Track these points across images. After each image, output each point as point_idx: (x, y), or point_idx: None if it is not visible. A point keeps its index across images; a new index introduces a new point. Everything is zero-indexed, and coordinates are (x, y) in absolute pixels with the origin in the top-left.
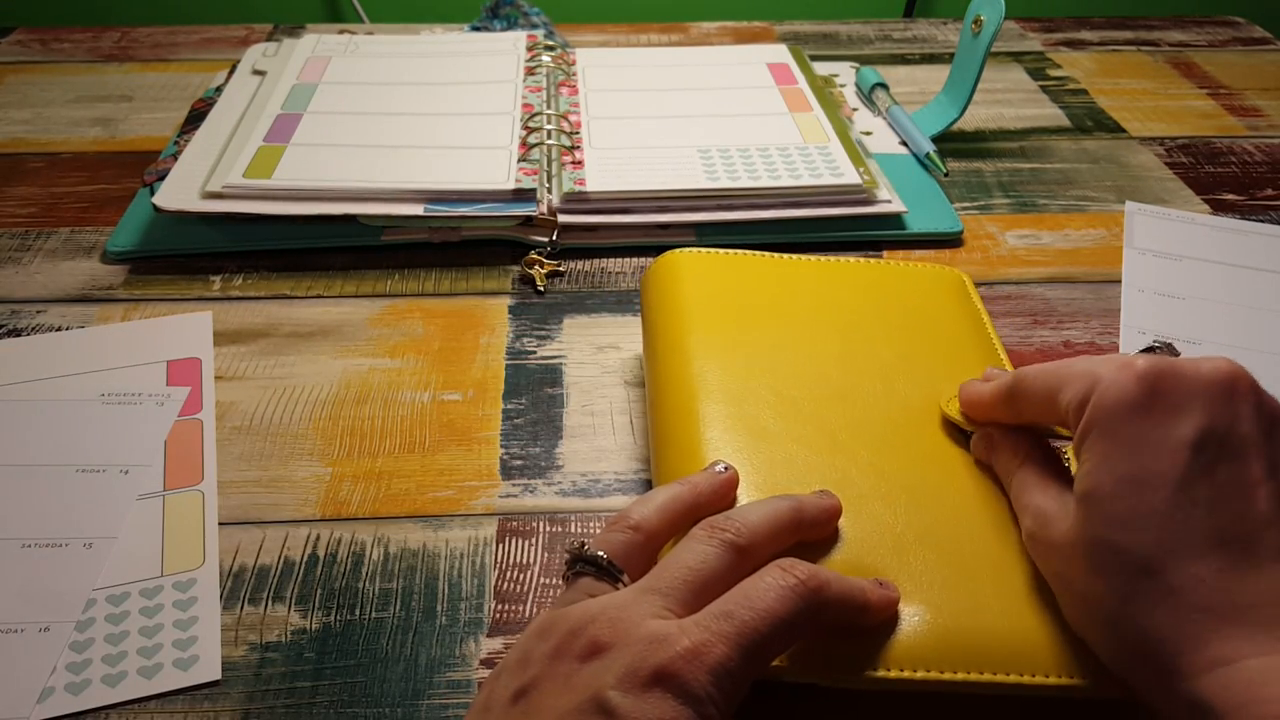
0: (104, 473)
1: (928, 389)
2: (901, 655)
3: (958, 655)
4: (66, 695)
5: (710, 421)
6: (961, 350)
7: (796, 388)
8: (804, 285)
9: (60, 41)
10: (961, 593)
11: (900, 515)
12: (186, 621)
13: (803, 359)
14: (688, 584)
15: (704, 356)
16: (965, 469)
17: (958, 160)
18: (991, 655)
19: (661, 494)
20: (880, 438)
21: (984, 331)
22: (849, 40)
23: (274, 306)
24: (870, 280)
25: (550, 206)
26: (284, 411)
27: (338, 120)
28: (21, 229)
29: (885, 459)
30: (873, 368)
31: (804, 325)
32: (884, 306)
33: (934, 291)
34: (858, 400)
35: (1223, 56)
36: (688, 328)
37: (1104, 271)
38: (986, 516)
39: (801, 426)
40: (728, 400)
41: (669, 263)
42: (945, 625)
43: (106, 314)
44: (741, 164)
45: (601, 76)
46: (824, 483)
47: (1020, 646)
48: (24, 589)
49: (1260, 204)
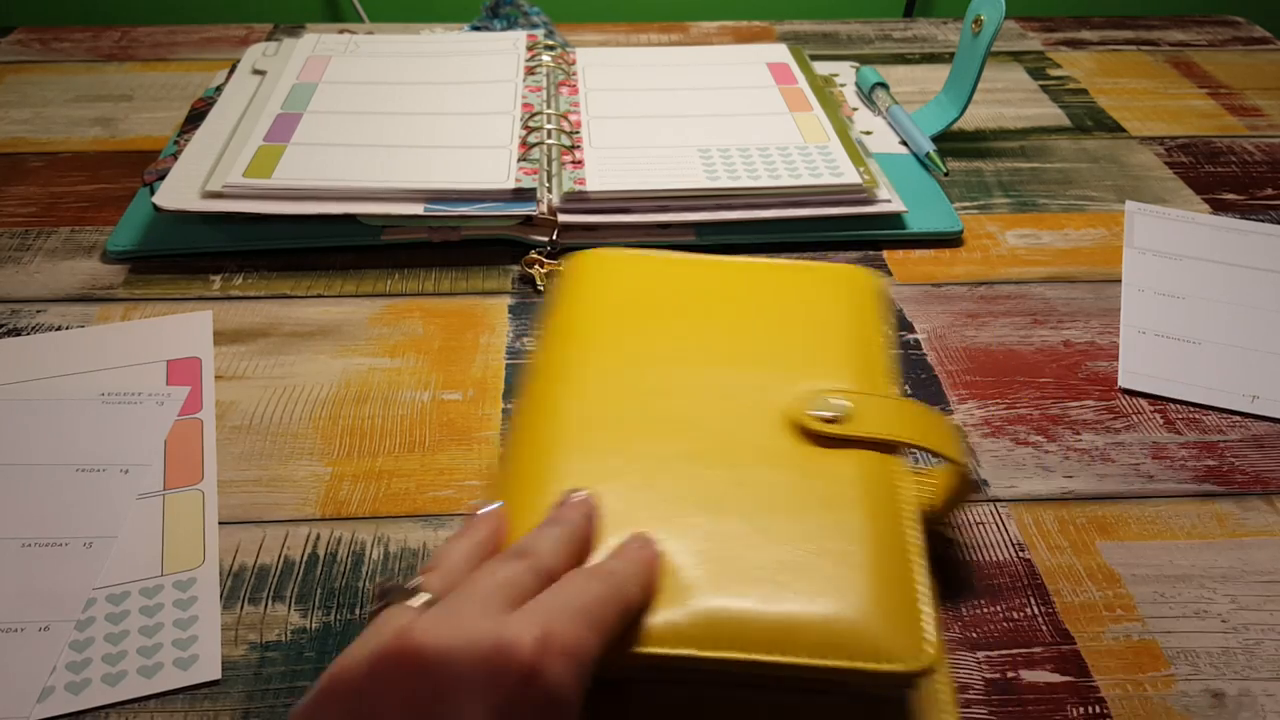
0: (104, 472)
1: (788, 384)
2: (665, 632)
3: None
4: (66, 694)
5: (551, 445)
6: (844, 348)
7: (652, 396)
8: (706, 287)
9: (60, 41)
10: (737, 579)
11: (719, 517)
12: (186, 621)
13: (676, 365)
14: (502, 589)
15: (576, 362)
16: (801, 475)
17: (958, 160)
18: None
19: (463, 543)
20: (726, 447)
21: (875, 336)
22: (849, 40)
23: (274, 306)
24: (775, 282)
25: (550, 206)
26: (284, 411)
27: (338, 120)
28: (21, 228)
29: (727, 471)
30: (747, 372)
31: (689, 330)
32: (780, 308)
33: (839, 294)
34: (714, 408)
35: (1223, 56)
36: (569, 334)
37: (1104, 271)
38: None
39: (648, 440)
40: (579, 421)
41: (574, 265)
42: (714, 605)
43: (106, 313)
44: (741, 163)
45: (601, 76)
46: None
47: (791, 629)
48: (24, 588)
49: (1260, 203)
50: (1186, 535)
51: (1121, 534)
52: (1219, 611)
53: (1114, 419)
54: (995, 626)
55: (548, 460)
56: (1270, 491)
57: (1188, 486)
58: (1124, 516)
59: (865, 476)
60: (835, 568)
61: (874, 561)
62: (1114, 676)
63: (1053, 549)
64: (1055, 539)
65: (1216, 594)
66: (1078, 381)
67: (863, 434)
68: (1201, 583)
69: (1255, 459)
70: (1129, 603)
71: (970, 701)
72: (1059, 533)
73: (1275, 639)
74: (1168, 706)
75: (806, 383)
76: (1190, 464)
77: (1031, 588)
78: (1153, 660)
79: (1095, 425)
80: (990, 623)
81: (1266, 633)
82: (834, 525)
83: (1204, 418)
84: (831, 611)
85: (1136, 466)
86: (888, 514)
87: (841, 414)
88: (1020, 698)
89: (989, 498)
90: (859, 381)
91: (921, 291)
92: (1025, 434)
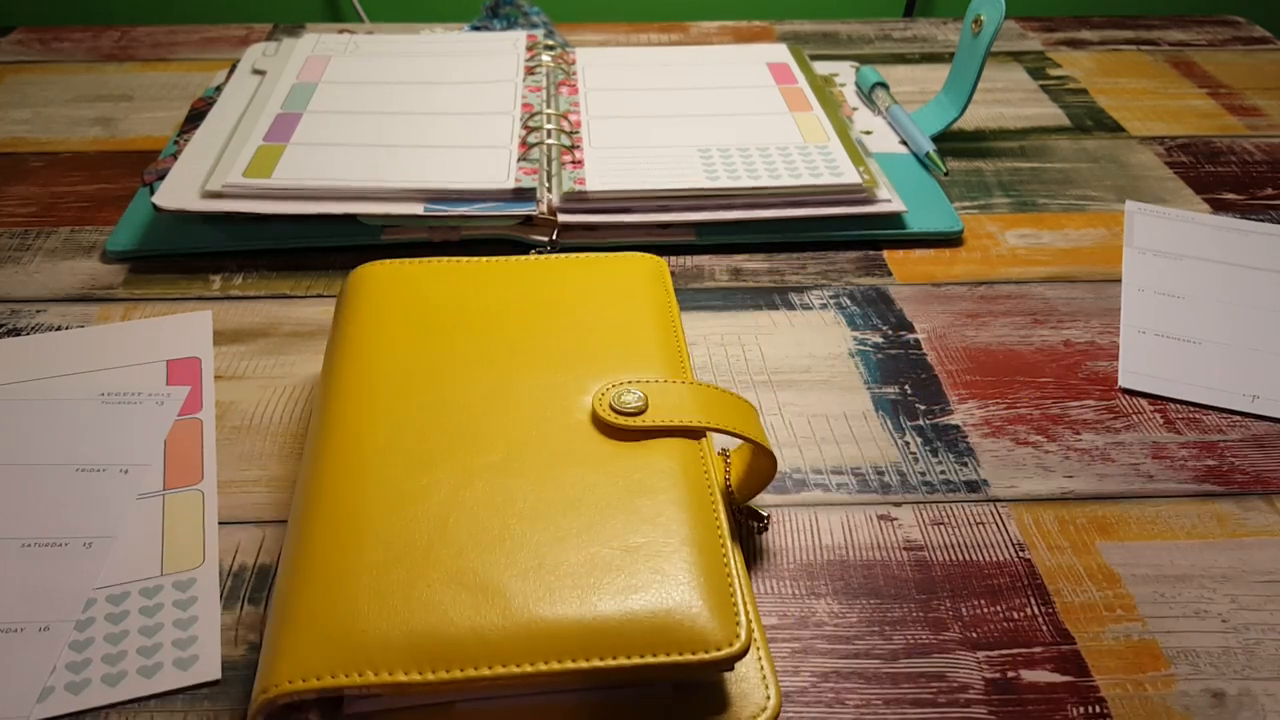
0: (103, 472)
1: (587, 381)
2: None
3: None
4: (66, 695)
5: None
6: (637, 338)
7: (451, 410)
8: (491, 291)
9: (60, 41)
10: (533, 583)
11: (510, 510)
12: (186, 621)
13: (471, 376)
14: None
15: (360, 381)
16: (589, 469)
17: (958, 160)
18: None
19: None
20: (533, 453)
21: (665, 321)
22: (849, 40)
23: (274, 306)
24: (560, 277)
25: (550, 206)
26: (284, 411)
27: (337, 119)
28: (21, 228)
29: (535, 477)
30: (543, 374)
31: (479, 338)
32: (568, 304)
33: (624, 283)
34: (515, 415)
35: (1223, 56)
36: (355, 356)
37: (1104, 271)
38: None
39: (441, 443)
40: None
41: (353, 282)
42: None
43: (106, 313)
44: (741, 163)
45: (601, 76)
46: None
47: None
48: (23, 588)
49: (1260, 203)
50: (1187, 535)
51: (1121, 534)
52: (1219, 611)
53: (1114, 419)
54: (995, 626)
55: (349, 491)
56: (1270, 491)
57: (1188, 486)
58: (1124, 516)
59: (671, 466)
60: (646, 561)
61: (685, 550)
62: (1114, 676)
63: (1053, 549)
64: (1055, 539)
65: (1217, 594)
66: (1078, 381)
67: (664, 423)
68: (1202, 583)
69: (1255, 459)
70: (1129, 603)
71: (970, 701)
72: (1059, 533)
73: (1275, 639)
74: (1168, 706)
75: (604, 378)
76: (1190, 464)
77: (1031, 588)
78: (1153, 660)
79: (1095, 425)
80: (990, 623)
81: (1267, 632)
82: (642, 519)
83: (1204, 417)
84: (646, 606)
85: (1136, 466)
86: (695, 501)
87: (641, 405)
88: (1020, 698)
89: (989, 498)
90: (656, 370)
91: (921, 291)
92: (1025, 434)
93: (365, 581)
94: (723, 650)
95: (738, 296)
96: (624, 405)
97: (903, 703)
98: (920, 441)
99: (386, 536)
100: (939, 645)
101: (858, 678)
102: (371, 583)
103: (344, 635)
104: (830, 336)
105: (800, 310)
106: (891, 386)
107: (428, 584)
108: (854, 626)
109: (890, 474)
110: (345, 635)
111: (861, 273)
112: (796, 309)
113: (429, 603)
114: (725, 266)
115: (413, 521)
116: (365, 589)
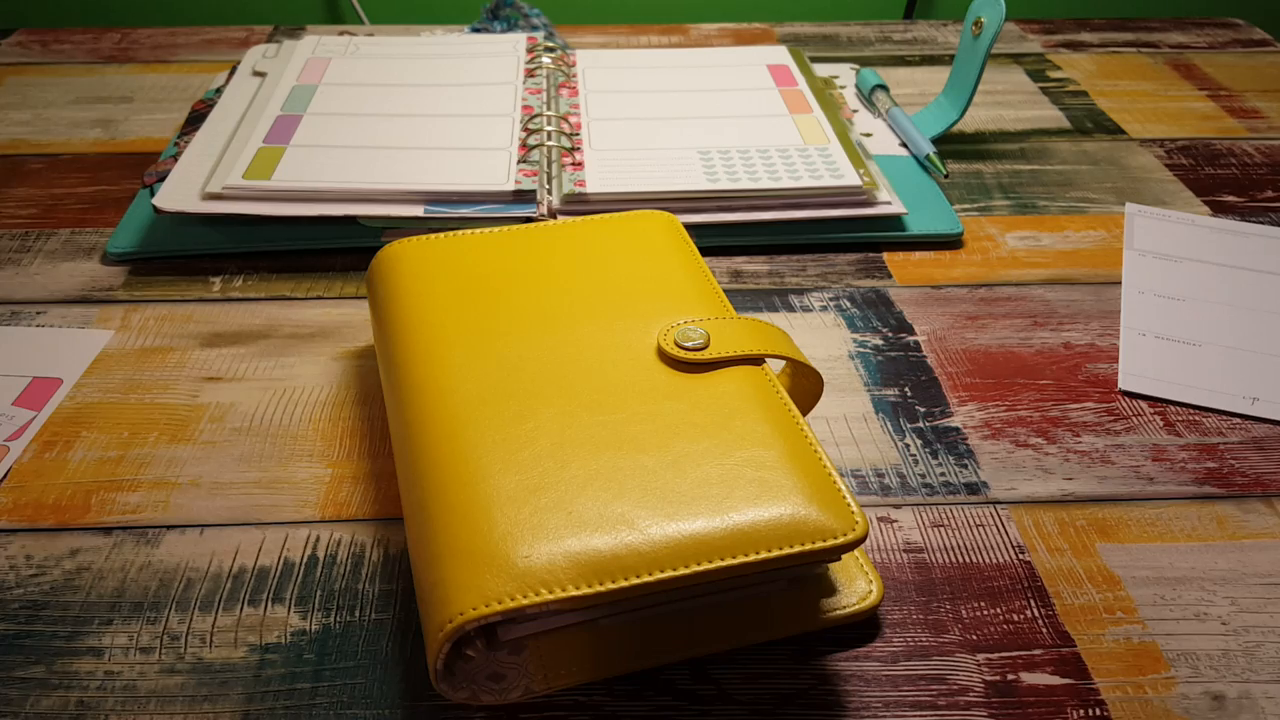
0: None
1: (644, 326)
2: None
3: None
4: None
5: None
6: (678, 284)
7: (523, 364)
8: (525, 255)
9: (60, 43)
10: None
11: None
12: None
13: (531, 334)
14: None
15: (446, 353)
16: (669, 400)
17: (958, 162)
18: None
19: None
20: (615, 394)
21: (695, 266)
22: (849, 42)
23: (274, 307)
24: (585, 238)
25: (550, 208)
26: (284, 412)
27: (338, 121)
28: (22, 230)
29: (626, 413)
30: (600, 324)
31: (528, 298)
32: (601, 260)
33: (648, 236)
34: (586, 363)
35: (1222, 58)
36: (414, 327)
37: (1104, 273)
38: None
39: (532, 397)
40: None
41: (384, 261)
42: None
43: (106, 315)
44: (742, 165)
45: (601, 78)
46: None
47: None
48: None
49: (1260, 206)
50: (1186, 537)
51: (1121, 536)
52: (1219, 614)
53: (1114, 421)
54: (995, 629)
55: (461, 442)
56: (1270, 494)
57: (1188, 489)
58: (1124, 519)
59: (746, 389)
60: (756, 471)
61: (787, 459)
62: (1114, 679)
63: (1053, 551)
64: (1055, 541)
65: (1217, 596)
66: (1078, 384)
67: (728, 354)
68: (1202, 585)
69: (1255, 461)
70: (1129, 605)
71: (970, 704)
72: (1059, 535)
73: (1276, 641)
74: (1168, 709)
75: (659, 320)
76: (1190, 466)
77: (1031, 590)
78: (1153, 662)
79: (1095, 427)
80: (990, 625)
81: (1267, 635)
82: (739, 436)
83: (1204, 420)
84: (771, 507)
85: (1136, 469)
86: (777, 417)
87: (704, 340)
88: (1020, 700)
89: (989, 500)
90: (704, 309)
91: (921, 293)
92: (1025, 436)
93: (511, 516)
94: (847, 536)
95: (738, 298)
96: (689, 341)
97: (902, 705)
98: (920, 443)
99: (512, 478)
100: (939, 647)
101: (857, 680)
102: (517, 517)
103: (509, 563)
104: (830, 338)
105: (800, 312)
106: (891, 388)
107: (567, 513)
108: (854, 628)
109: (890, 476)
110: (511, 562)
111: (861, 275)
112: (796, 311)
113: (575, 528)
114: (725, 268)
115: (530, 462)
116: (514, 523)
